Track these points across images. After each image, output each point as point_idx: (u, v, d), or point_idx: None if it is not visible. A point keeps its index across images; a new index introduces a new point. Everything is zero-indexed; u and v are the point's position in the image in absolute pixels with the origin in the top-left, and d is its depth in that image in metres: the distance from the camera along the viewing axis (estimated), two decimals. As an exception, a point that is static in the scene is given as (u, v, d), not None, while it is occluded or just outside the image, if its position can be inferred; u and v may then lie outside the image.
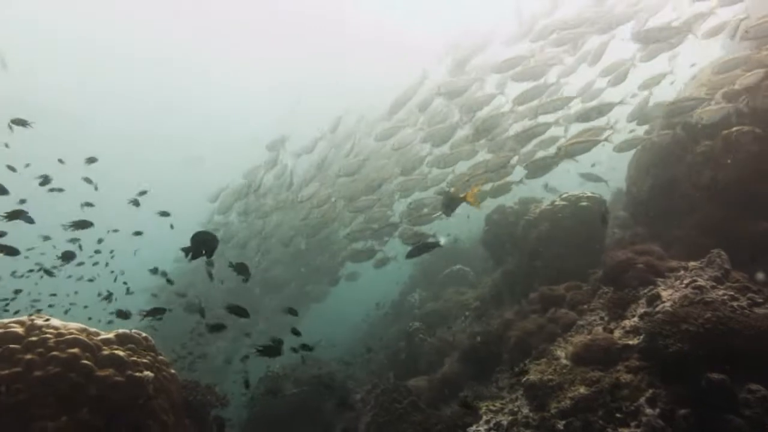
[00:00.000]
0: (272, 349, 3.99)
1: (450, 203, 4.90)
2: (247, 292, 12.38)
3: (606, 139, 7.31)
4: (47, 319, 3.23)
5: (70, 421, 2.75)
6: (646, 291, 3.89)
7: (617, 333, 3.66)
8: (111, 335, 3.27)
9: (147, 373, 3.08)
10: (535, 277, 7.93)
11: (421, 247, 5.62)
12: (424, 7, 26.23)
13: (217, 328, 5.06)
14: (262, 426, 9.13)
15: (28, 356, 2.92)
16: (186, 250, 2.69)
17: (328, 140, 11.68)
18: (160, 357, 3.34)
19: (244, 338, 11.77)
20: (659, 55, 7.45)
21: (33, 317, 3.21)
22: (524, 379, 3.63)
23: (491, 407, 3.85)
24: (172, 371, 3.30)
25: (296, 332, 5.44)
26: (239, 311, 4.22)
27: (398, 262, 12.02)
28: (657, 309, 3.53)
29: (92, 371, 2.95)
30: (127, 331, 3.34)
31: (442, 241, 8.01)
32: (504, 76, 8.43)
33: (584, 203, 8.11)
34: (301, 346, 5.14)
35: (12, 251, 4.58)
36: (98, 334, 3.26)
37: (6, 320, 3.18)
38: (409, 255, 5.52)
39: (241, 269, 3.72)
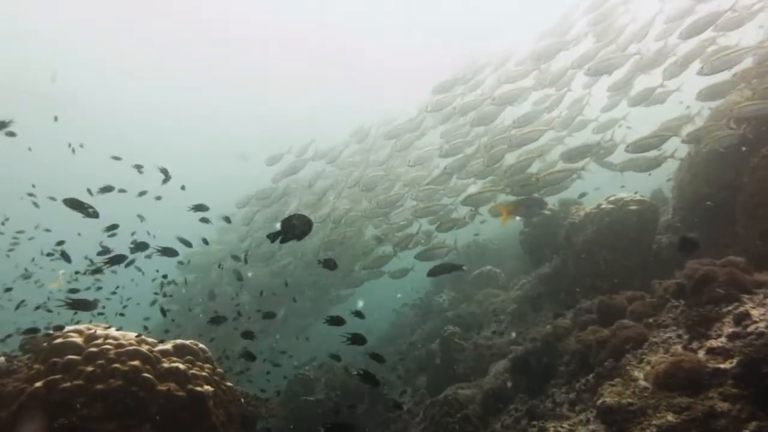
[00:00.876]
0: (359, 338, 3.92)
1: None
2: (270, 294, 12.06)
3: (583, 169, 7.88)
4: (106, 328, 3.12)
5: (133, 439, 2.62)
6: (731, 308, 3.58)
7: (701, 354, 3.38)
8: (169, 346, 3.14)
9: (207, 387, 2.94)
10: (580, 282, 7.63)
11: (444, 267, 5.44)
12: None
13: (269, 315, 4.95)
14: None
15: (89, 368, 2.81)
16: (276, 234, 2.46)
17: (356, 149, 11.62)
18: (218, 369, 3.20)
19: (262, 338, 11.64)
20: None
21: (92, 326, 3.11)
22: (599, 401, 3.38)
23: (559, 429, 3.61)
24: (229, 384, 3.16)
25: (360, 315, 5.13)
26: (328, 264, 4.01)
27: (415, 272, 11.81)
28: (749, 330, 3.24)
29: (154, 385, 2.82)
30: (185, 341, 3.21)
31: (465, 267, 7.60)
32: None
33: (633, 207, 7.74)
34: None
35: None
36: (155, 345, 3.14)
37: (66, 328, 3.08)
38: (431, 273, 5.45)
39: (329, 264, 3.60)
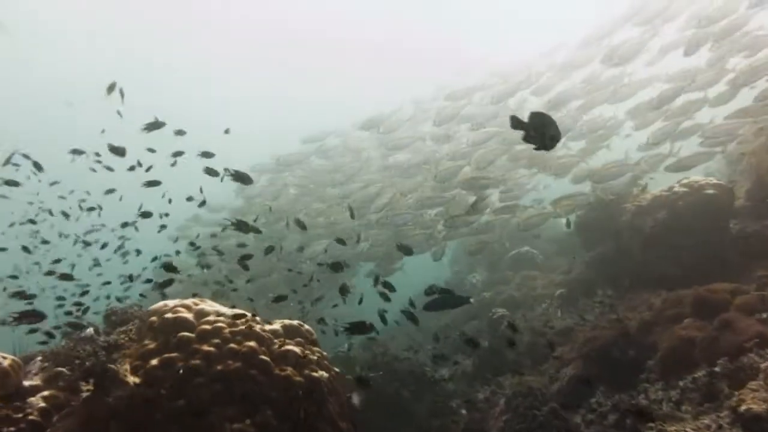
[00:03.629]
0: (361, 327, 3.71)
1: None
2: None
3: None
4: (211, 304, 2.91)
5: (255, 426, 2.43)
6: None
7: None
8: (278, 326, 2.93)
9: (322, 373, 2.73)
10: (647, 269, 7.27)
11: (445, 301, 4.53)
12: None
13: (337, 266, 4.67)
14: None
15: (205, 347, 2.60)
16: (522, 125, 2.02)
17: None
18: (324, 353, 2.99)
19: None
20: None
21: (197, 300, 2.90)
22: (743, 407, 3.11)
23: None
24: (336, 369, 2.94)
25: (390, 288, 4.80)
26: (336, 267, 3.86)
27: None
28: None
29: (271, 369, 2.61)
30: (293, 321, 2.99)
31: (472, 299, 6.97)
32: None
33: (710, 191, 7.29)
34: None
35: None
36: (264, 324, 2.92)
37: (170, 302, 2.88)
38: (428, 308, 4.17)
39: (405, 249, 3.37)
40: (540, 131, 1.92)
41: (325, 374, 2.75)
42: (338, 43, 28.24)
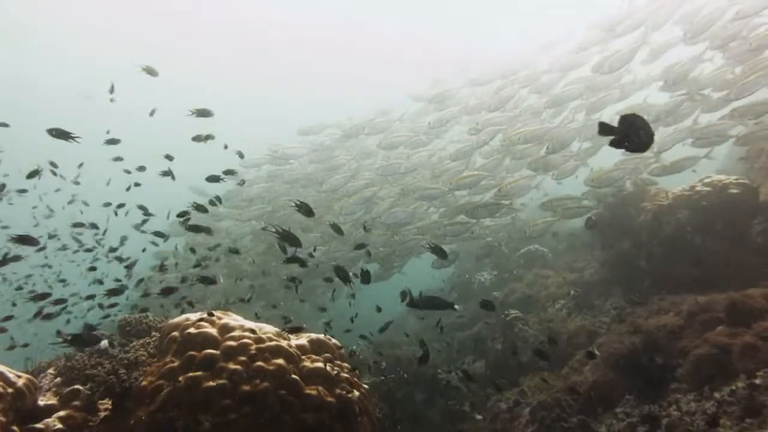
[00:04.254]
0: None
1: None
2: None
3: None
4: (235, 318, 2.75)
5: (286, 450, 2.26)
6: None
7: None
8: (304, 341, 2.76)
9: (354, 391, 2.57)
10: (668, 271, 7.09)
11: (431, 300, 4.47)
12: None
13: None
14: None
15: (231, 365, 2.44)
16: (612, 130, 1.87)
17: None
18: (353, 368, 2.82)
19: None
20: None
21: (219, 314, 2.74)
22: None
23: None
24: (366, 386, 2.78)
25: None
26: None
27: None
28: None
29: (302, 389, 2.45)
30: (320, 336, 2.83)
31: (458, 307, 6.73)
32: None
33: (734, 190, 7.09)
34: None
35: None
36: (290, 338, 2.76)
37: (192, 316, 2.72)
38: (412, 304, 4.21)
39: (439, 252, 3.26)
40: (634, 134, 1.77)
41: (356, 393, 2.58)
42: (333, 42, 28.23)
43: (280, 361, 2.49)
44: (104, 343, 3.12)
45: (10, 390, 2.28)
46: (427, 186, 9.60)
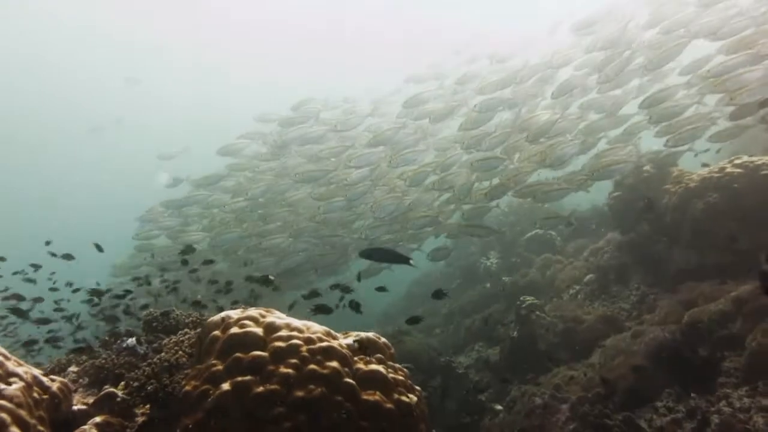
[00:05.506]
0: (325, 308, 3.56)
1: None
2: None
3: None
4: (279, 315, 2.54)
5: (346, 461, 2.08)
6: None
7: None
8: (352, 341, 2.56)
9: (412, 396, 2.38)
10: (698, 256, 6.92)
11: (385, 252, 4.26)
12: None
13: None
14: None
15: (282, 369, 2.24)
16: None
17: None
18: (405, 370, 2.63)
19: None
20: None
21: (263, 311, 2.53)
22: None
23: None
24: (418, 388, 2.59)
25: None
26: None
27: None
28: None
29: (358, 394, 2.25)
30: (369, 334, 2.62)
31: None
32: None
33: (766, 172, 6.88)
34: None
35: None
36: (338, 337, 2.55)
37: (233, 313, 2.50)
38: (364, 254, 4.20)
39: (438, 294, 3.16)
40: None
41: (414, 398, 2.39)
42: (330, 26, 27.64)
43: (335, 363, 2.29)
44: (132, 340, 2.91)
45: (45, 396, 2.07)
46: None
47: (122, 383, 2.40)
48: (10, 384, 1.93)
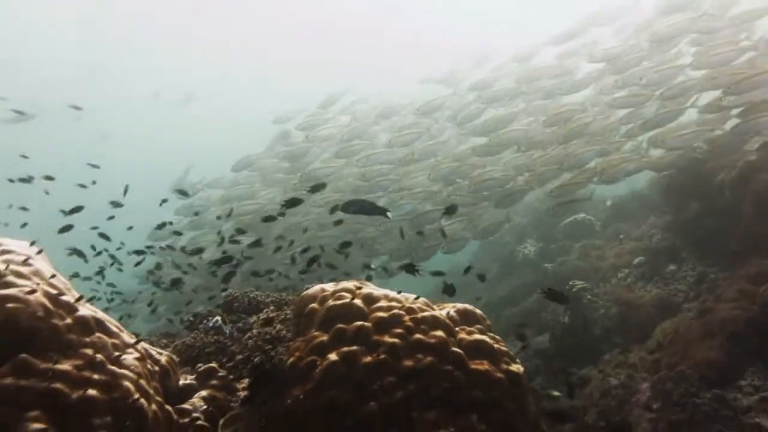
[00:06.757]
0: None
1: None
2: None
3: None
4: (374, 287, 2.48)
5: None
6: None
7: None
8: (452, 311, 2.48)
9: (518, 366, 2.28)
10: (763, 232, 6.57)
11: (361, 204, 3.95)
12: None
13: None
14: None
15: (387, 338, 2.18)
16: None
17: None
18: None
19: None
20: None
21: (357, 283, 2.47)
22: None
23: None
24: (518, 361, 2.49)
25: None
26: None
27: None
28: None
29: (467, 364, 2.17)
30: (466, 305, 2.54)
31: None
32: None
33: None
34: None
35: None
36: (434, 309, 2.48)
37: (328, 286, 2.46)
38: (344, 208, 3.74)
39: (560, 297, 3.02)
40: None
41: (521, 368, 2.30)
42: (341, 32, 27.52)
43: (440, 333, 2.22)
44: (217, 319, 2.91)
45: (156, 368, 2.07)
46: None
47: (224, 359, 2.38)
48: (127, 355, 1.93)
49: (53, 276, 1.98)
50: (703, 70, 7.76)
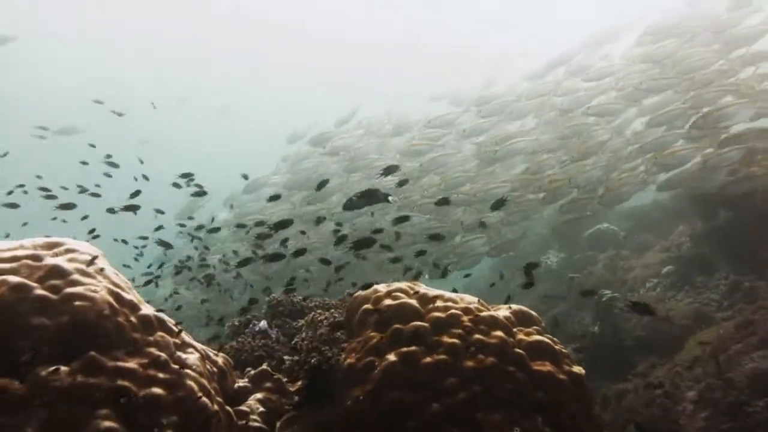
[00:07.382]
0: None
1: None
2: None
3: None
4: (428, 288, 2.44)
5: (526, 435, 1.93)
6: None
7: None
8: (508, 312, 2.42)
9: (579, 368, 2.21)
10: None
11: (365, 195, 3.87)
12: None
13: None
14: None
15: (446, 339, 2.13)
16: None
17: None
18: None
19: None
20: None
21: (411, 284, 2.44)
22: None
23: None
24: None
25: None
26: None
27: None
28: None
29: (529, 365, 2.11)
30: (521, 307, 2.48)
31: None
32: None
33: None
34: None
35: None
36: (490, 309, 2.42)
37: (380, 287, 2.43)
38: (347, 206, 3.78)
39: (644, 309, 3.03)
40: None
41: (582, 370, 2.23)
42: (358, 42, 27.96)
43: (500, 333, 2.16)
44: (263, 323, 2.89)
45: (215, 369, 2.05)
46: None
47: (272, 362, 2.36)
48: (189, 354, 1.91)
49: (116, 275, 1.99)
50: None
